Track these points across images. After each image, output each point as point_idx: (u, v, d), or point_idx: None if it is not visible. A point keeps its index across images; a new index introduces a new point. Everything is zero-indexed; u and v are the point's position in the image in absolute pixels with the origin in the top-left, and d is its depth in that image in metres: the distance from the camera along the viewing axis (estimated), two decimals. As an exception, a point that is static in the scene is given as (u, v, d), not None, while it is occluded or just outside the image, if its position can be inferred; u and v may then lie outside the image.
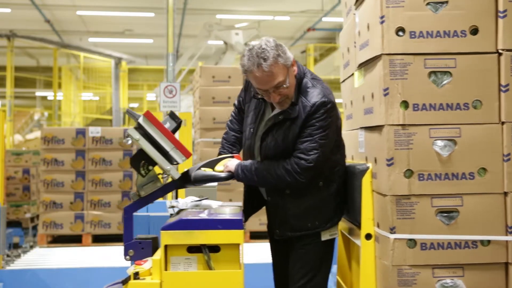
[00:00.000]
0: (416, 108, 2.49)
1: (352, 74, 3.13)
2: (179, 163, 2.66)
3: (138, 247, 2.68)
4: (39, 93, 20.69)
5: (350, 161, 3.07)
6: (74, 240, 7.37)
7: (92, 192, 7.40)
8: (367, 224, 2.66)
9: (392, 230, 2.47)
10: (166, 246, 2.48)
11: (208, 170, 2.78)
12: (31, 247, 7.60)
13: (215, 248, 2.48)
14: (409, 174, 2.47)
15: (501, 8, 2.48)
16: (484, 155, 2.46)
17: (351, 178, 2.83)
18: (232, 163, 2.80)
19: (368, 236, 2.66)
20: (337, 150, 2.83)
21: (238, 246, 2.48)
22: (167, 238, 2.47)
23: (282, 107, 2.71)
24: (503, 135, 2.47)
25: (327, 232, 2.83)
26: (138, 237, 2.75)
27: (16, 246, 7.90)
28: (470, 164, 2.47)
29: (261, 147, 2.79)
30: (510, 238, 2.45)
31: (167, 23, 7.57)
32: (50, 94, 19.06)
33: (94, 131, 7.46)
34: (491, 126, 2.48)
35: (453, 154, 2.47)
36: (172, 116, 2.72)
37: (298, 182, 2.67)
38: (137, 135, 2.61)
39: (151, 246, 2.70)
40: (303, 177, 2.65)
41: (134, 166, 2.69)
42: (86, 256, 6.43)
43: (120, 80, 15.84)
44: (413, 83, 2.48)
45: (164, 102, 7.13)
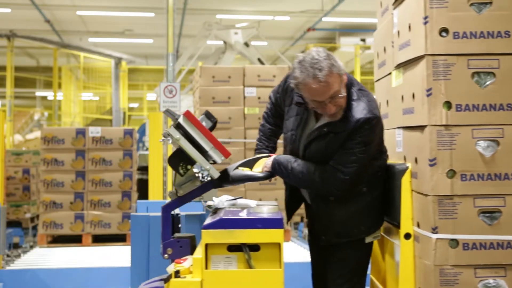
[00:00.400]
0: (459, 108, 2.50)
1: (388, 74, 3.14)
2: (218, 162, 2.68)
3: (176, 246, 2.73)
4: (39, 93, 20.69)
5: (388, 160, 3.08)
6: (74, 240, 7.37)
7: (92, 192, 7.39)
8: (406, 223, 2.68)
9: (434, 230, 2.49)
10: (206, 245, 2.50)
11: (246, 170, 2.80)
12: (31, 247, 7.60)
13: (255, 247, 2.50)
14: (451, 174, 2.49)
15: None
16: (527, 156, 2.47)
17: (390, 178, 2.84)
18: (267, 162, 2.82)
19: (407, 235, 2.67)
20: (379, 156, 2.83)
21: (278, 245, 2.49)
22: (208, 237, 2.49)
23: (334, 118, 2.67)
24: (547, 136, 2.48)
25: (371, 235, 2.86)
26: (176, 235, 2.78)
27: (16, 246, 7.90)
28: (513, 164, 2.48)
29: (304, 154, 2.78)
30: (553, 238, 2.46)
31: (167, 23, 7.57)
32: (50, 94, 19.06)
33: (94, 131, 7.46)
34: (534, 126, 2.48)
35: (496, 154, 2.48)
36: (207, 115, 2.75)
37: (333, 192, 2.69)
38: (177, 135, 2.63)
39: (189, 244, 2.73)
40: (337, 188, 2.66)
41: (173, 166, 2.71)
42: (86, 256, 6.43)
43: (120, 80, 15.84)
44: (456, 84, 2.50)
45: (164, 102, 7.13)
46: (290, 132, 2.85)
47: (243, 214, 2.60)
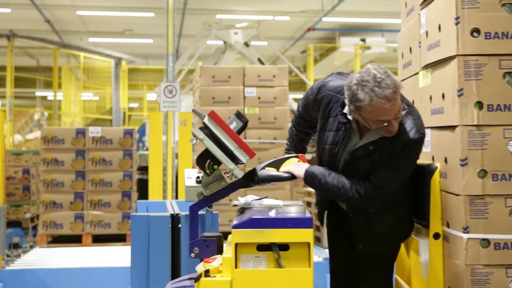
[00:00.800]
0: (490, 108, 2.51)
1: (414, 74, 3.15)
2: (243, 163, 2.69)
3: (203, 245, 2.73)
4: (39, 93, 20.69)
5: None
6: (74, 240, 7.37)
7: (92, 192, 7.40)
8: (436, 223, 2.69)
9: (465, 230, 2.50)
10: (236, 244, 2.51)
11: (272, 170, 2.81)
12: (31, 247, 7.60)
13: (284, 246, 2.51)
14: (482, 174, 2.50)
15: None
16: (558, 156, 2.48)
17: (418, 178, 2.83)
18: (298, 168, 2.78)
19: (436, 235, 2.68)
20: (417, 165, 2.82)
21: (308, 244, 2.49)
22: (238, 236, 2.50)
23: (391, 134, 2.56)
24: None
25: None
26: (204, 235, 2.79)
27: (16, 246, 7.91)
28: (545, 164, 2.48)
29: (345, 170, 2.72)
30: None
31: (167, 23, 7.57)
32: (50, 94, 19.06)
33: (94, 131, 7.46)
34: None
35: None
36: (238, 115, 2.75)
37: (369, 207, 2.68)
38: (201, 135, 2.64)
39: (216, 244, 2.74)
40: (374, 204, 2.65)
41: (200, 165, 2.72)
42: (86, 256, 6.43)
43: (120, 80, 15.84)
44: (487, 84, 2.51)
45: (164, 102, 7.13)
46: (329, 146, 2.77)
47: (273, 214, 2.61)
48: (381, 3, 13.58)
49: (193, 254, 2.73)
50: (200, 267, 2.57)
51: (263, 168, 2.80)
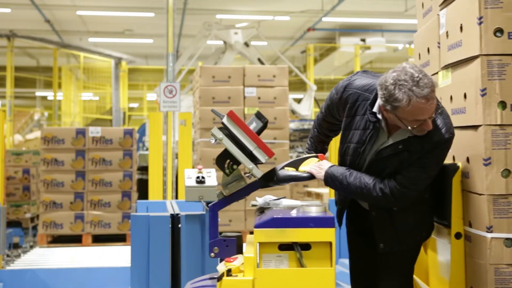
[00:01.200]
0: None
1: (433, 74, 3.13)
2: (262, 162, 2.70)
3: (223, 245, 2.74)
4: (39, 93, 20.69)
5: None
6: (74, 240, 7.37)
7: (92, 192, 7.40)
8: (457, 223, 2.68)
9: (489, 229, 2.50)
10: (258, 244, 2.51)
11: (291, 170, 2.80)
12: (31, 247, 7.60)
13: (306, 245, 2.51)
14: (506, 173, 2.50)
15: None
16: None
17: (439, 177, 2.82)
18: (318, 169, 2.75)
19: (458, 235, 2.67)
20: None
21: (330, 244, 2.49)
22: (260, 235, 2.50)
23: (424, 133, 2.53)
24: None
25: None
26: (224, 234, 2.79)
27: (16, 246, 7.91)
28: None
29: (369, 169, 2.69)
30: None
31: (167, 23, 7.57)
32: (50, 94, 19.06)
33: (94, 131, 7.46)
34: None
35: None
36: (258, 116, 2.76)
37: (393, 205, 2.66)
38: (220, 135, 2.64)
39: (236, 244, 2.75)
40: (400, 203, 2.63)
41: (219, 165, 2.73)
42: (86, 256, 6.43)
43: (120, 80, 15.85)
44: (511, 84, 2.51)
45: (164, 102, 7.13)
46: (355, 144, 2.72)
47: (294, 213, 2.61)
48: (381, 3, 13.59)
49: (213, 254, 2.73)
50: (221, 267, 2.58)
51: (282, 168, 2.80)
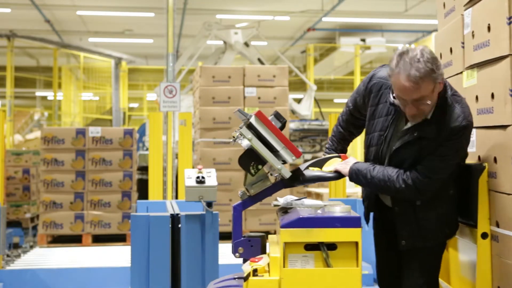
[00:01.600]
0: None
1: (455, 74, 3.14)
2: (289, 162, 2.70)
3: (248, 245, 2.75)
4: (39, 93, 20.69)
5: None
6: (74, 240, 7.37)
7: (92, 192, 7.40)
8: (484, 223, 2.67)
9: None
10: (284, 244, 2.51)
11: (316, 170, 2.81)
12: (31, 247, 7.60)
13: (332, 245, 2.51)
14: None
15: None
16: None
17: (464, 178, 2.82)
18: (343, 166, 2.78)
19: (484, 235, 2.67)
20: (465, 159, 2.81)
21: (356, 244, 2.50)
22: (287, 235, 2.50)
23: (414, 121, 2.62)
24: None
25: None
26: (248, 234, 2.80)
27: (16, 246, 7.91)
28: None
29: (391, 158, 2.72)
30: None
31: (167, 23, 7.57)
32: (50, 94, 19.06)
33: (94, 131, 7.46)
34: None
35: None
36: (277, 116, 2.76)
37: (417, 198, 2.65)
38: (249, 134, 2.65)
39: (260, 244, 2.76)
40: (422, 195, 2.62)
41: (244, 165, 2.74)
42: (86, 256, 6.43)
43: (120, 80, 15.85)
44: None
45: (164, 102, 7.13)
46: (378, 133, 2.77)
47: (320, 213, 2.61)
48: (381, 3, 13.59)
49: (237, 254, 2.74)
50: (247, 267, 2.58)
51: (307, 168, 2.81)
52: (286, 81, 7.56)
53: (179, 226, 3.69)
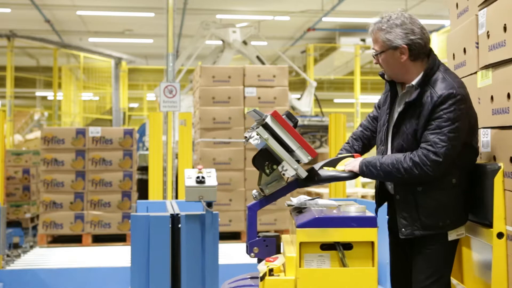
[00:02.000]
0: None
1: (469, 75, 3.14)
2: (304, 162, 2.71)
3: (263, 245, 2.76)
4: (39, 93, 20.69)
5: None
6: (74, 240, 7.37)
7: (92, 192, 7.40)
8: (499, 222, 2.67)
9: None
10: (300, 244, 2.52)
11: (330, 169, 2.83)
12: (31, 247, 7.60)
13: (347, 245, 2.52)
14: None
15: None
16: None
17: (479, 177, 2.82)
18: (353, 163, 2.81)
19: (500, 234, 2.66)
20: (473, 148, 2.81)
21: (372, 243, 2.50)
22: (303, 235, 2.51)
23: (385, 75, 2.87)
24: None
25: (454, 232, 2.80)
26: (263, 234, 2.80)
27: (16, 246, 7.91)
28: None
29: (393, 139, 2.81)
30: None
31: (167, 23, 7.57)
32: (50, 94, 19.06)
33: (94, 131, 7.46)
34: None
35: None
36: (289, 116, 2.78)
37: (427, 176, 2.64)
38: (266, 134, 2.67)
39: (275, 243, 2.77)
40: (432, 170, 2.62)
41: (258, 165, 2.76)
42: (86, 256, 6.43)
43: (120, 80, 15.85)
44: None
45: (164, 102, 7.13)
46: (381, 122, 2.92)
47: (336, 213, 2.61)
48: (381, 3, 13.58)
49: (252, 254, 2.75)
50: (262, 267, 2.59)
51: (321, 167, 2.82)
52: (286, 81, 7.56)
53: (179, 226, 3.69)
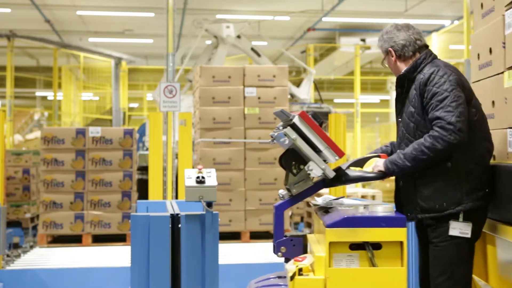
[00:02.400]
0: None
1: (494, 75, 3.13)
2: (332, 162, 2.74)
3: (290, 244, 2.78)
4: (39, 93, 20.69)
5: (494, 161, 3.03)
6: (74, 240, 7.37)
7: (92, 192, 7.40)
8: None
9: None
10: (329, 243, 2.53)
11: (357, 169, 2.85)
12: (31, 247, 7.60)
13: (376, 245, 2.52)
14: None
15: None
16: None
17: (502, 177, 2.80)
18: (379, 163, 2.87)
19: None
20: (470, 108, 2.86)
21: (401, 243, 2.51)
22: (332, 235, 2.52)
23: (393, 72, 3.14)
24: None
25: (457, 227, 2.80)
26: (291, 234, 2.83)
27: (16, 246, 7.91)
28: None
29: (403, 127, 2.95)
30: None
31: (167, 23, 7.57)
32: (50, 94, 19.05)
33: (94, 131, 7.46)
34: None
35: None
36: (314, 116, 2.80)
37: (452, 145, 2.70)
38: (294, 135, 2.69)
39: (302, 243, 2.79)
40: (453, 137, 2.69)
41: (286, 165, 2.78)
42: (86, 256, 6.43)
43: (120, 80, 15.84)
44: None
45: (164, 102, 7.13)
46: (396, 116, 3.12)
47: (365, 213, 2.62)
48: (381, 3, 13.59)
49: (280, 254, 2.77)
50: (291, 266, 2.60)
51: (348, 167, 2.84)
52: (286, 81, 7.56)
53: (179, 226, 3.68)
